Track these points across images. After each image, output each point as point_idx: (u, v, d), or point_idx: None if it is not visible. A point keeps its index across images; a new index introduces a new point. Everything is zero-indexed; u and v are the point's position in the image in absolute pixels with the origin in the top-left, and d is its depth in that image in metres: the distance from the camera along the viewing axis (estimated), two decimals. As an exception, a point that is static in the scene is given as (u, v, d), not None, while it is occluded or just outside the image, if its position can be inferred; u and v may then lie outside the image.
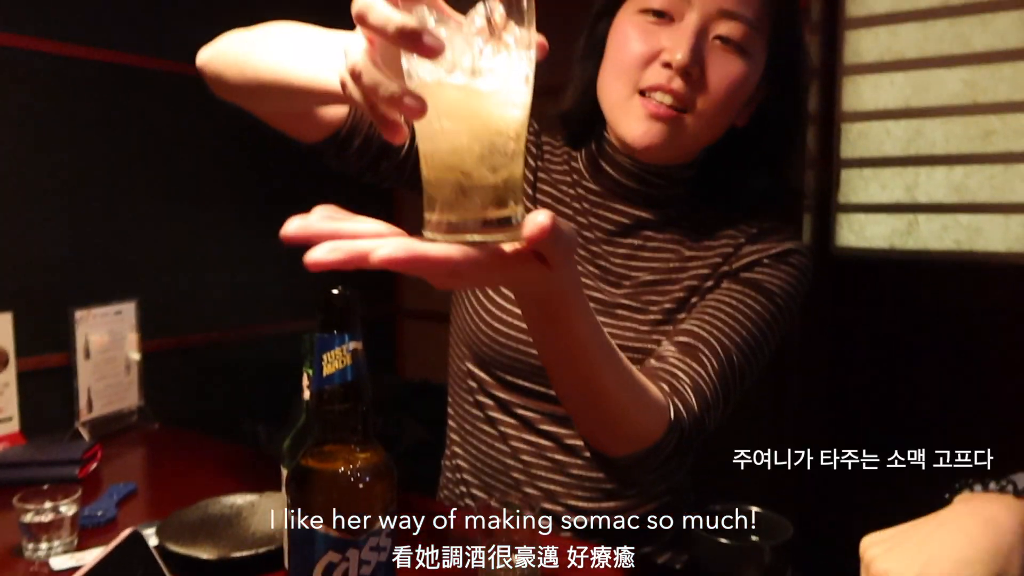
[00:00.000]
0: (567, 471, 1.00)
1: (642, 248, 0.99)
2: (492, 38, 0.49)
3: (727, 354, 0.87)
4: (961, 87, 1.50)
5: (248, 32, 0.86)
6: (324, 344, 0.60)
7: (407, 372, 2.32)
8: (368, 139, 0.91)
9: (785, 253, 0.94)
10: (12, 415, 1.44)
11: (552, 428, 1.00)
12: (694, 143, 0.91)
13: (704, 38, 0.86)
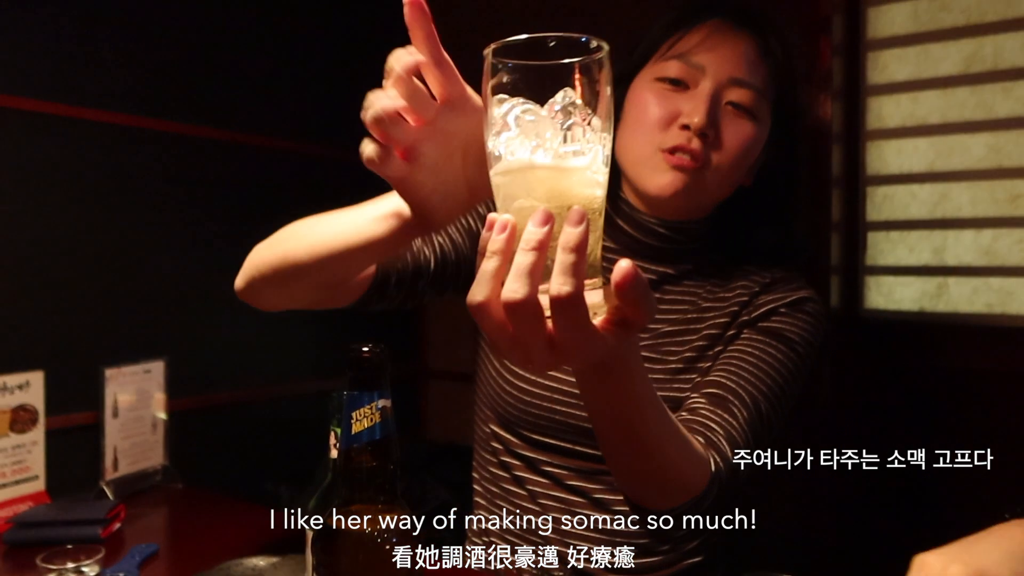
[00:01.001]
0: (598, 527, 1.00)
1: (660, 301, 1.02)
2: (575, 122, 0.52)
3: (755, 403, 0.91)
4: (985, 152, 1.50)
5: (271, 237, 0.95)
6: (354, 402, 0.60)
7: (431, 434, 2.30)
8: (401, 274, 0.98)
9: (800, 301, 0.99)
10: (39, 474, 1.44)
11: (581, 483, 1.01)
12: (711, 197, 0.99)
13: (718, 104, 0.94)
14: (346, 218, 0.80)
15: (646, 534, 1.00)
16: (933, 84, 1.54)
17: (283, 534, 1.25)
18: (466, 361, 2.20)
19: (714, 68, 0.94)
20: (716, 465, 0.84)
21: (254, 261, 0.95)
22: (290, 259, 0.86)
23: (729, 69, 0.94)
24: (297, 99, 2.02)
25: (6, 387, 1.39)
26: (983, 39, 1.49)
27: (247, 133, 1.89)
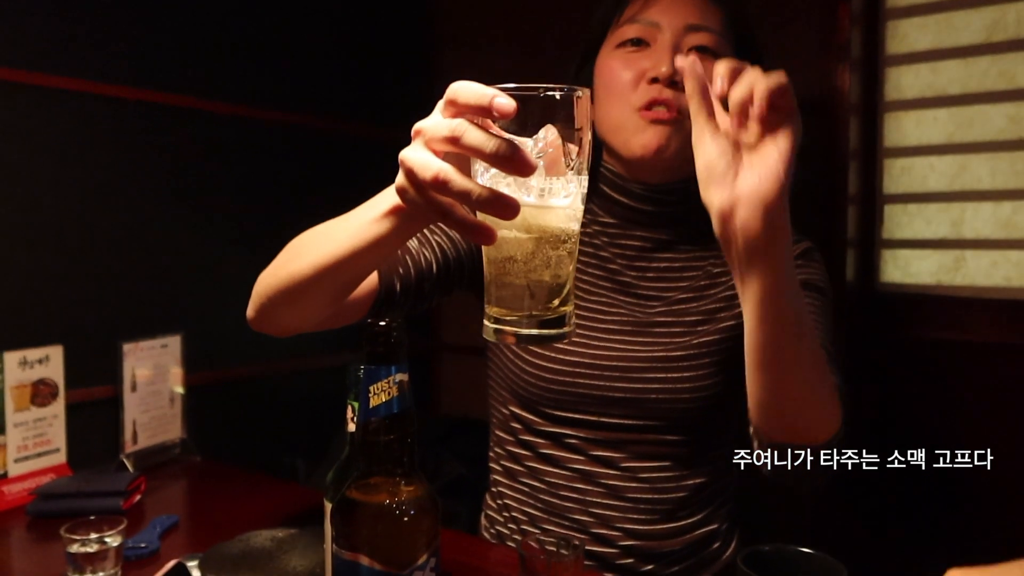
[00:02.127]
0: (622, 494, 1.03)
1: (668, 269, 1.04)
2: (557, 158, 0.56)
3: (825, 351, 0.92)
4: (1006, 123, 1.48)
5: (274, 261, 0.96)
6: (371, 376, 0.61)
7: (445, 408, 2.32)
8: (404, 280, 0.98)
9: (807, 251, 1.02)
10: (60, 447, 1.47)
11: (605, 452, 1.03)
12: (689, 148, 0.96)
13: (680, 51, 0.96)
14: (345, 224, 0.79)
15: (668, 500, 1.02)
16: (954, 54, 1.52)
17: (301, 506, 1.27)
18: (480, 336, 2.21)
19: (668, 20, 0.98)
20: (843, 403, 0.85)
21: (261, 287, 0.95)
22: (296, 276, 0.86)
23: (684, 17, 0.97)
24: (315, 73, 2.01)
25: (26, 361, 1.41)
26: (1005, 7, 1.46)
27: (264, 108, 1.88)
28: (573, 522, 1.05)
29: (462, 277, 1.04)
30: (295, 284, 0.86)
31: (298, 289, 0.86)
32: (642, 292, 1.04)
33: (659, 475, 1.02)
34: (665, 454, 1.01)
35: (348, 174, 2.08)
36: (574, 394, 1.02)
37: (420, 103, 2.34)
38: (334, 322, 0.96)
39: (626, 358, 1.01)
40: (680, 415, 0.99)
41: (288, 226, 1.11)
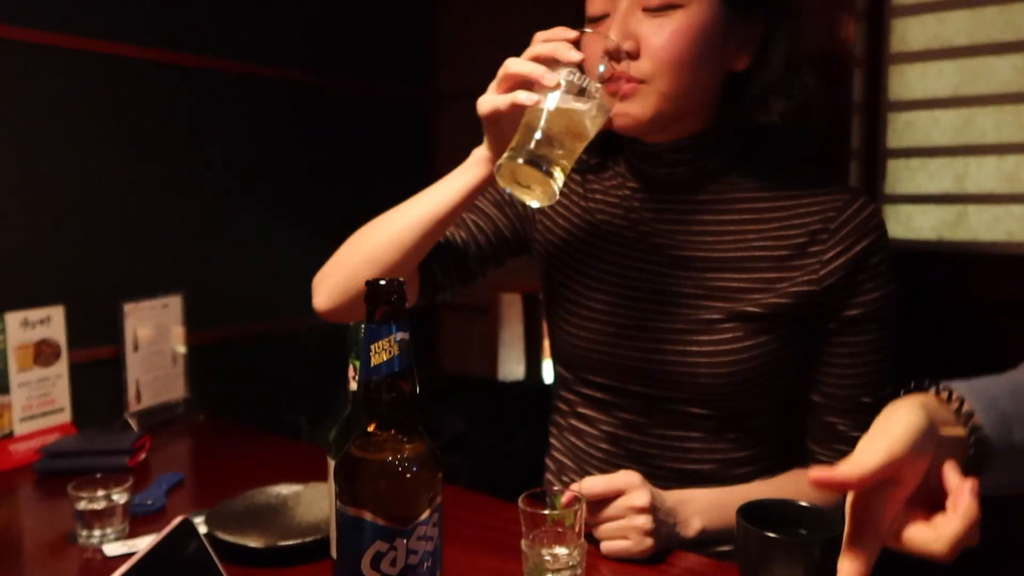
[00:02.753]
0: (643, 459, 1.04)
1: (703, 234, 1.01)
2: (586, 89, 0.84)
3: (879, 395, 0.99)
4: (1013, 75, 1.45)
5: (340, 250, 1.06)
6: (372, 334, 0.61)
7: (445, 365, 2.33)
8: (442, 263, 1.07)
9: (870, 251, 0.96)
10: (64, 406, 1.48)
11: (629, 416, 1.04)
12: (677, 103, 0.93)
13: (633, 16, 0.91)
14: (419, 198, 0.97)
15: (693, 472, 1.02)
16: (960, 3, 1.49)
17: (305, 463, 1.29)
18: (479, 295, 2.22)
19: None
20: None
21: (333, 274, 1.05)
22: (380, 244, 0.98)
23: None
24: (318, 28, 1.97)
25: (28, 322, 1.41)
26: (1015, -45, 1.43)
27: (264, 66, 1.86)
28: None
29: (508, 247, 1.14)
30: (379, 253, 0.97)
31: (381, 258, 0.97)
32: (673, 259, 1.01)
33: (684, 444, 1.01)
34: (689, 423, 1.01)
35: (346, 132, 2.06)
36: (600, 359, 1.04)
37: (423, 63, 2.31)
38: None
39: (642, 327, 1.00)
40: (700, 388, 0.98)
41: (288, 184, 1.10)
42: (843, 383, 1.00)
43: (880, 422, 0.61)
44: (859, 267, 0.95)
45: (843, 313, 0.97)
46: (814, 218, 0.97)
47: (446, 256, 1.08)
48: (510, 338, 2.23)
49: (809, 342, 1.00)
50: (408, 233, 0.96)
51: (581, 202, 1.10)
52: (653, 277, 1.02)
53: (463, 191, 0.94)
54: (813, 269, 0.96)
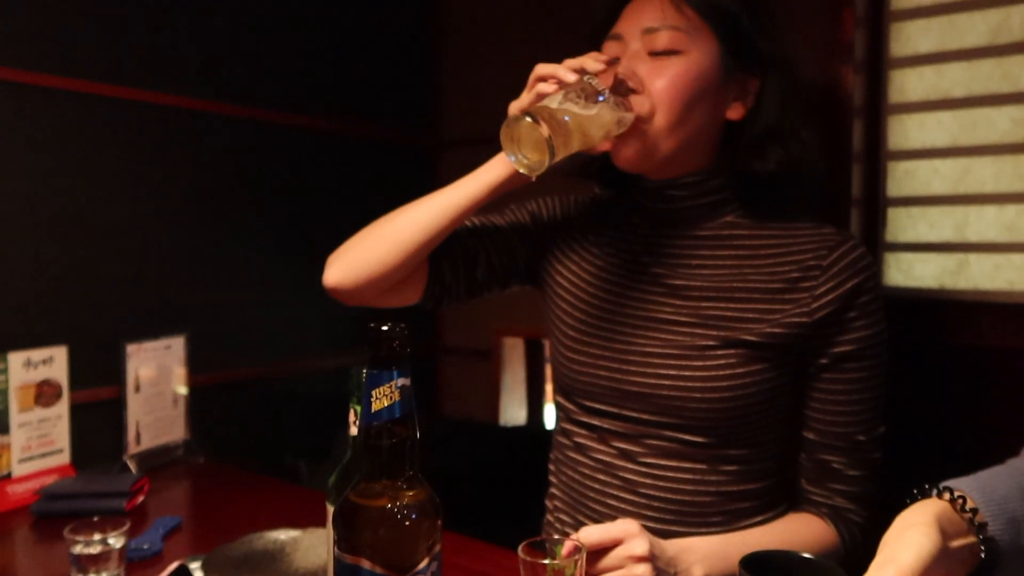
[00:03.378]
0: (637, 489, 1.04)
1: (700, 267, 1.05)
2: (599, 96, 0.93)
3: (876, 430, 1.03)
4: (1011, 125, 1.47)
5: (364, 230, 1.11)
6: (373, 380, 0.61)
7: (447, 409, 2.32)
8: (452, 260, 1.12)
9: (860, 288, 0.99)
10: (64, 447, 1.47)
11: (625, 445, 1.05)
12: (670, 143, 1.00)
13: (639, 59, 0.99)
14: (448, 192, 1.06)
15: (686, 503, 1.02)
16: (958, 56, 1.51)
17: (304, 508, 1.27)
18: (481, 338, 2.22)
19: (627, 27, 1.01)
20: (842, 536, 1.02)
21: (351, 248, 1.09)
22: (399, 226, 1.05)
23: (642, 22, 0.99)
24: (319, 75, 2.01)
25: (30, 362, 1.42)
26: (1010, 9, 1.46)
27: (268, 110, 1.89)
28: (592, 512, 1.07)
29: (517, 270, 1.18)
30: (397, 233, 1.05)
31: (399, 239, 1.04)
32: (671, 288, 1.05)
33: (676, 475, 1.02)
34: (682, 453, 1.01)
35: (352, 176, 2.08)
36: (597, 385, 1.06)
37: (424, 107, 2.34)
38: (397, 296, 1.11)
39: (643, 353, 1.03)
40: (694, 414, 0.99)
41: (292, 228, 1.12)
42: (836, 420, 1.02)
43: (890, 544, 0.61)
44: (849, 305, 0.98)
45: (834, 349, 0.99)
46: (807, 255, 1.01)
47: (457, 258, 1.13)
48: (512, 382, 2.23)
49: (802, 377, 1.02)
50: (429, 220, 1.04)
51: (592, 236, 1.16)
52: (651, 305, 1.05)
53: (485, 186, 1.04)
54: (805, 303, 0.98)
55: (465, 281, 1.14)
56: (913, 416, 1.49)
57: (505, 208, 1.20)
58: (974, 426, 1.45)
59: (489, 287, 1.17)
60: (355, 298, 1.10)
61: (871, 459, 1.03)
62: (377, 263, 1.06)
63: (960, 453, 1.46)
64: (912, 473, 1.49)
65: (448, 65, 2.29)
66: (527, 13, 2.09)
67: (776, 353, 0.99)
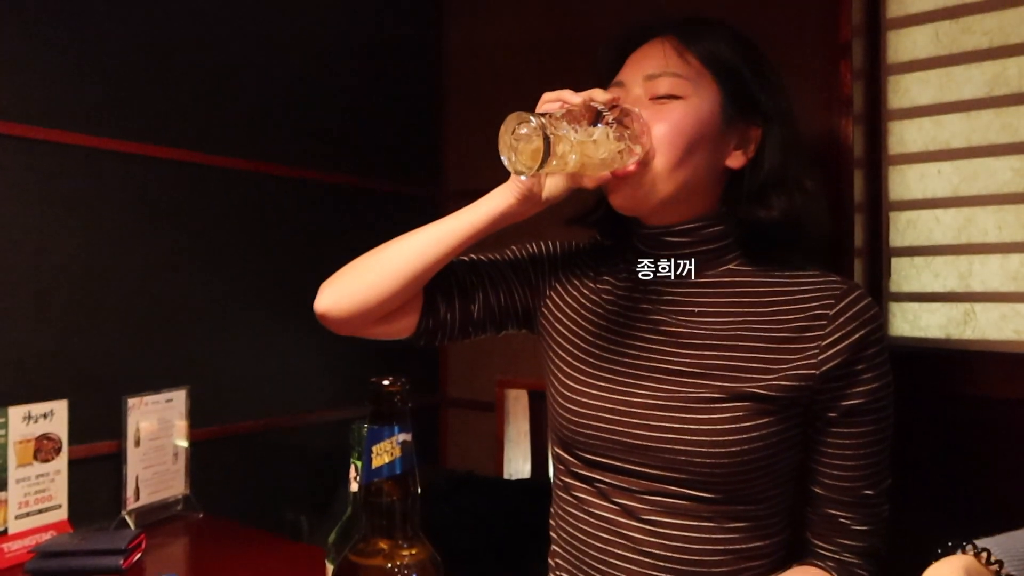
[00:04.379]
0: (641, 548, 1.01)
1: (702, 315, 1.03)
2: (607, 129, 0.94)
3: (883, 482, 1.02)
4: (1011, 175, 1.48)
5: (360, 257, 1.10)
6: (374, 436, 0.60)
7: (450, 462, 2.29)
8: (446, 294, 1.11)
9: (868, 339, 0.97)
10: (61, 503, 1.45)
11: (628, 502, 1.01)
12: (669, 187, 1.00)
13: (641, 103, 1.00)
14: (447, 222, 1.06)
15: (692, 562, 0.99)
16: (956, 107, 1.53)
17: (303, 565, 1.25)
18: (484, 391, 2.20)
19: (630, 75, 1.02)
20: None
21: (345, 273, 1.08)
22: (394, 253, 1.05)
23: (645, 68, 1.01)
24: (323, 128, 2.04)
25: (31, 416, 1.41)
26: (1007, 61, 1.48)
27: (271, 163, 1.91)
28: (595, 572, 1.03)
29: (514, 311, 1.15)
30: (392, 260, 1.04)
31: (395, 266, 1.04)
32: (673, 337, 1.03)
33: (682, 533, 0.98)
34: (687, 510, 0.98)
35: (355, 228, 2.09)
36: (597, 437, 1.03)
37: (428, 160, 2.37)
38: (389, 327, 1.09)
39: (646, 404, 1.00)
40: (699, 469, 0.96)
41: (294, 281, 1.12)
42: (844, 474, 0.99)
43: None
44: (857, 357, 0.96)
45: (843, 403, 0.97)
46: (812, 303, 0.99)
47: (453, 293, 1.11)
48: (516, 435, 2.20)
49: (809, 432, 1.00)
50: (425, 248, 1.04)
51: (590, 283, 1.14)
52: (653, 355, 1.03)
53: (484, 216, 1.03)
54: (812, 354, 0.96)
55: (460, 317, 1.11)
56: (921, 468, 1.47)
57: (505, 248, 1.19)
58: (983, 478, 1.42)
59: (484, 327, 1.14)
60: (346, 326, 1.07)
61: (878, 513, 1.01)
62: (370, 290, 1.04)
63: (969, 506, 1.44)
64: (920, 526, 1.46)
65: (452, 120, 2.33)
66: (529, 70, 2.13)
67: (783, 406, 0.96)
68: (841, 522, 1.00)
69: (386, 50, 2.20)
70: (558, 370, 1.11)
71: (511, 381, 2.15)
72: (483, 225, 1.04)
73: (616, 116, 0.95)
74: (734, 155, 1.03)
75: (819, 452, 1.00)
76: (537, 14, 2.14)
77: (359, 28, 2.13)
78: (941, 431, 1.46)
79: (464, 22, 2.32)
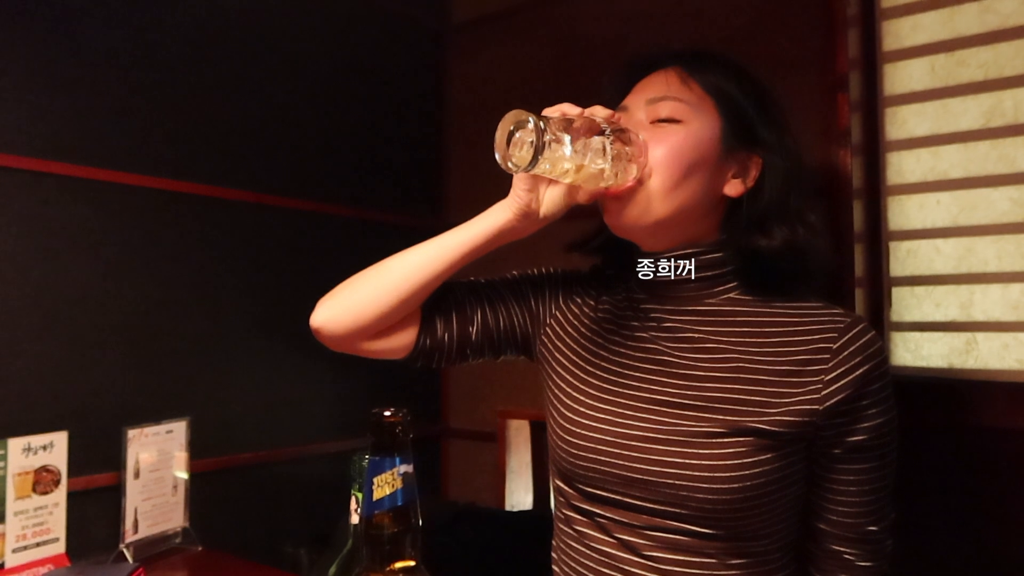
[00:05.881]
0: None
1: (702, 348, 1.01)
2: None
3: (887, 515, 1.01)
4: (1010, 206, 1.49)
5: (359, 273, 1.10)
6: (375, 467, 0.60)
7: (452, 493, 2.28)
8: (445, 316, 1.10)
9: (872, 374, 0.96)
10: (59, 536, 1.44)
11: (629, 537, 0.99)
12: (665, 209, 0.99)
13: (642, 125, 1.01)
14: (445, 238, 1.05)
15: None
16: (953, 139, 1.54)
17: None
18: (486, 421, 2.19)
19: (633, 101, 1.03)
20: None
21: (343, 288, 1.08)
22: (393, 268, 1.06)
23: (647, 94, 1.03)
24: (322, 160, 2.05)
25: (30, 448, 1.40)
26: (1002, 93, 1.49)
27: (273, 195, 1.92)
28: None
29: (513, 337, 1.14)
30: (389, 275, 1.05)
31: (392, 282, 1.04)
32: (673, 368, 1.01)
33: (683, 570, 0.96)
34: (690, 547, 0.96)
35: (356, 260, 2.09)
36: (599, 470, 1.01)
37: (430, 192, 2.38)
38: (385, 344, 1.08)
39: (647, 438, 0.98)
40: (700, 504, 0.94)
41: (294, 312, 1.12)
42: (849, 511, 0.98)
43: None
44: (861, 393, 0.95)
45: (848, 439, 0.96)
46: (816, 337, 0.97)
47: (452, 313, 1.10)
48: (518, 465, 2.19)
49: (812, 467, 0.99)
50: (423, 263, 1.04)
51: (591, 313, 1.12)
52: (653, 386, 1.01)
53: (482, 232, 1.03)
54: (815, 389, 0.95)
55: (458, 338, 1.10)
56: (925, 499, 1.45)
57: (507, 273, 1.19)
58: (987, 508, 1.41)
59: (482, 350, 1.13)
60: (341, 342, 1.06)
61: (882, 548, 1.00)
62: (367, 305, 1.04)
63: (973, 536, 1.42)
64: (923, 557, 1.45)
65: (453, 152, 2.35)
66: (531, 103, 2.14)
67: (785, 442, 0.94)
68: (845, 558, 0.99)
69: (388, 83, 2.22)
70: (557, 400, 1.09)
71: (513, 412, 2.15)
72: (482, 241, 1.03)
73: (615, 134, 0.96)
74: (732, 183, 1.02)
75: (822, 488, 0.99)
76: (538, 48, 2.16)
77: (361, 60, 2.16)
78: (943, 461, 1.45)
79: (465, 56, 2.35)
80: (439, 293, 1.09)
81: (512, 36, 2.23)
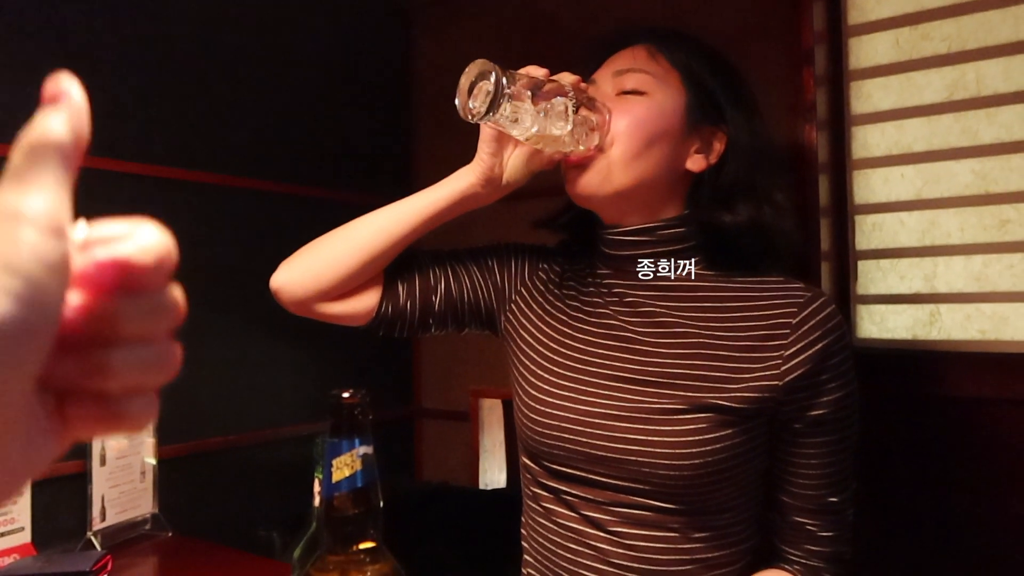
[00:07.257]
0: (609, 559, 1.00)
1: (663, 323, 1.02)
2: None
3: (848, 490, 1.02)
4: (972, 178, 1.50)
5: (324, 235, 1.10)
6: (334, 449, 0.59)
7: (425, 473, 2.28)
8: (409, 284, 1.10)
9: (833, 348, 0.96)
10: (24, 525, 1.42)
11: (594, 513, 1.00)
12: (625, 180, 1.00)
13: (608, 97, 1.02)
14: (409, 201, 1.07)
15: (659, 573, 0.98)
16: (917, 112, 1.55)
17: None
18: (458, 400, 2.19)
19: (601, 74, 1.05)
20: None
21: (307, 249, 1.08)
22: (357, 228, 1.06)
23: (614, 65, 1.04)
24: (287, 140, 2.02)
25: (-9, 437, 1.37)
26: (965, 66, 1.50)
27: (238, 176, 1.89)
28: None
29: (476, 310, 1.14)
30: (352, 238, 1.05)
31: (352, 240, 1.05)
32: (634, 344, 1.02)
33: (648, 544, 0.97)
34: (654, 521, 0.97)
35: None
36: (563, 448, 1.01)
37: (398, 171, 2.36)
38: (346, 307, 1.07)
39: (608, 415, 0.98)
40: (663, 480, 0.95)
41: (262, 295, 1.11)
42: (810, 483, 1.00)
43: None
44: (821, 367, 0.96)
45: (808, 414, 0.97)
46: (775, 311, 0.98)
47: (415, 280, 1.10)
48: (491, 444, 2.19)
49: (774, 441, 1.00)
50: (386, 225, 1.05)
51: (556, 289, 1.12)
52: (615, 363, 1.01)
53: (446, 195, 1.05)
54: (775, 364, 0.95)
55: (420, 306, 1.09)
56: (888, 469, 1.48)
57: (473, 246, 1.18)
58: (951, 478, 1.44)
59: (444, 321, 1.12)
60: (301, 304, 1.05)
61: (844, 519, 1.01)
62: (328, 267, 1.04)
63: (936, 506, 1.45)
64: (887, 528, 1.47)
65: (422, 132, 2.33)
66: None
67: (746, 417, 0.95)
68: (808, 529, 1.00)
69: (355, 64, 2.19)
70: (522, 378, 1.09)
71: (485, 391, 2.15)
72: (444, 205, 1.05)
73: (579, 99, 0.96)
74: (695, 158, 1.02)
75: (784, 461, 1.00)
76: (505, 27, 2.14)
77: (328, 42, 2.12)
78: (908, 431, 1.48)
79: (432, 35, 2.32)
80: (403, 260, 1.08)
81: (480, 13, 2.21)
